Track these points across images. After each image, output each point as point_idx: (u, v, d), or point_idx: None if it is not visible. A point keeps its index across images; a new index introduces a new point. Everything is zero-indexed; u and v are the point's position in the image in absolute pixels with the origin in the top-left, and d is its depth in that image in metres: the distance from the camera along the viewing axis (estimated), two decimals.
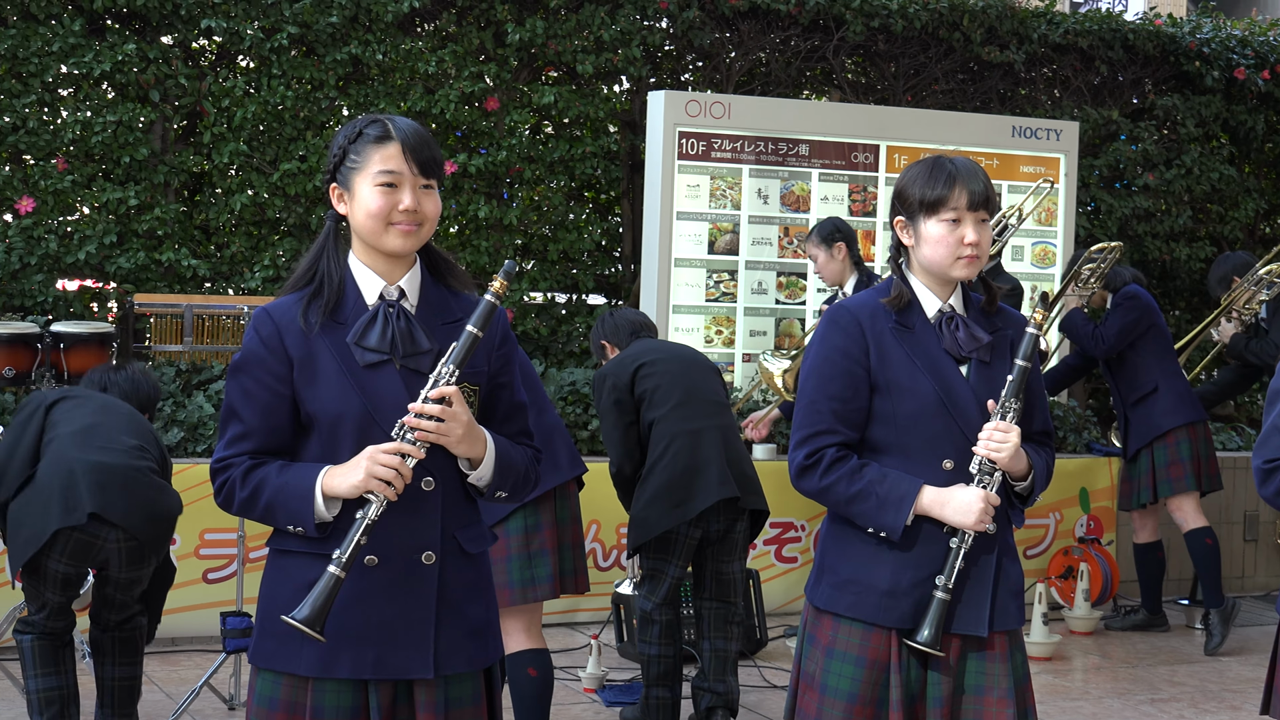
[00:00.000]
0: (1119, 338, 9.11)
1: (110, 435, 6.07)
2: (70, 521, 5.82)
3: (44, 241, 9.62)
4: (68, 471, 5.89)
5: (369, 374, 3.66)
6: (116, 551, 5.92)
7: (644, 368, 6.84)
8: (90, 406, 6.23)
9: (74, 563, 5.93)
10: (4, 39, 9.58)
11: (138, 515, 5.91)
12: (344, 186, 3.75)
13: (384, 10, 10.38)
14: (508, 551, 5.99)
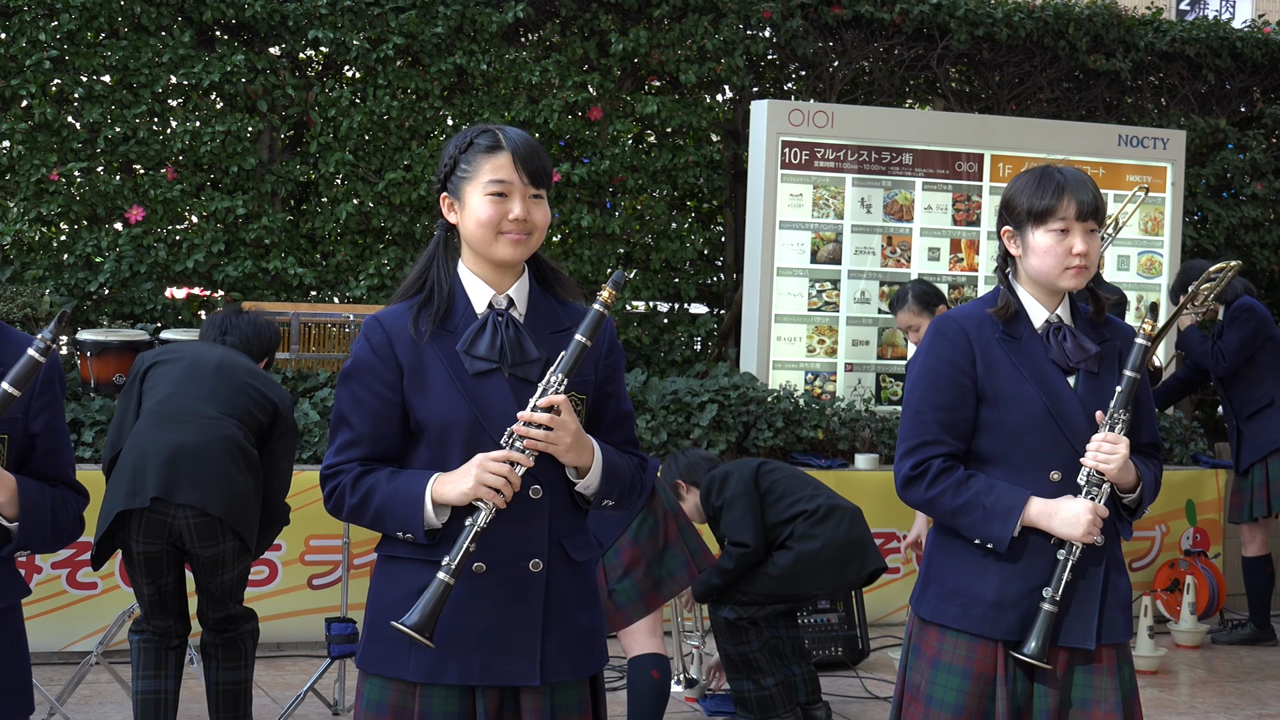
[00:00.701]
0: (1239, 353, 8.99)
1: (190, 406, 6.03)
2: (134, 504, 5.84)
3: (153, 250, 9.75)
4: (140, 453, 5.91)
5: (478, 382, 3.67)
6: (187, 528, 5.88)
7: (763, 467, 7.06)
8: (177, 372, 6.16)
9: (150, 540, 5.91)
10: (115, 50, 9.72)
11: (204, 492, 5.85)
12: (454, 196, 3.77)
13: (488, 20, 10.44)
14: (644, 556, 6.05)
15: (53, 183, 9.64)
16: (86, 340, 7.94)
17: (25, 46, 9.53)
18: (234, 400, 6.11)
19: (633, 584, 6.06)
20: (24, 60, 9.53)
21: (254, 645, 6.32)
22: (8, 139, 9.58)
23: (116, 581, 7.78)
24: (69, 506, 3.65)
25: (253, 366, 6.32)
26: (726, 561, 6.79)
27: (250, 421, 6.11)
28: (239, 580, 6.17)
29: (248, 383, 6.18)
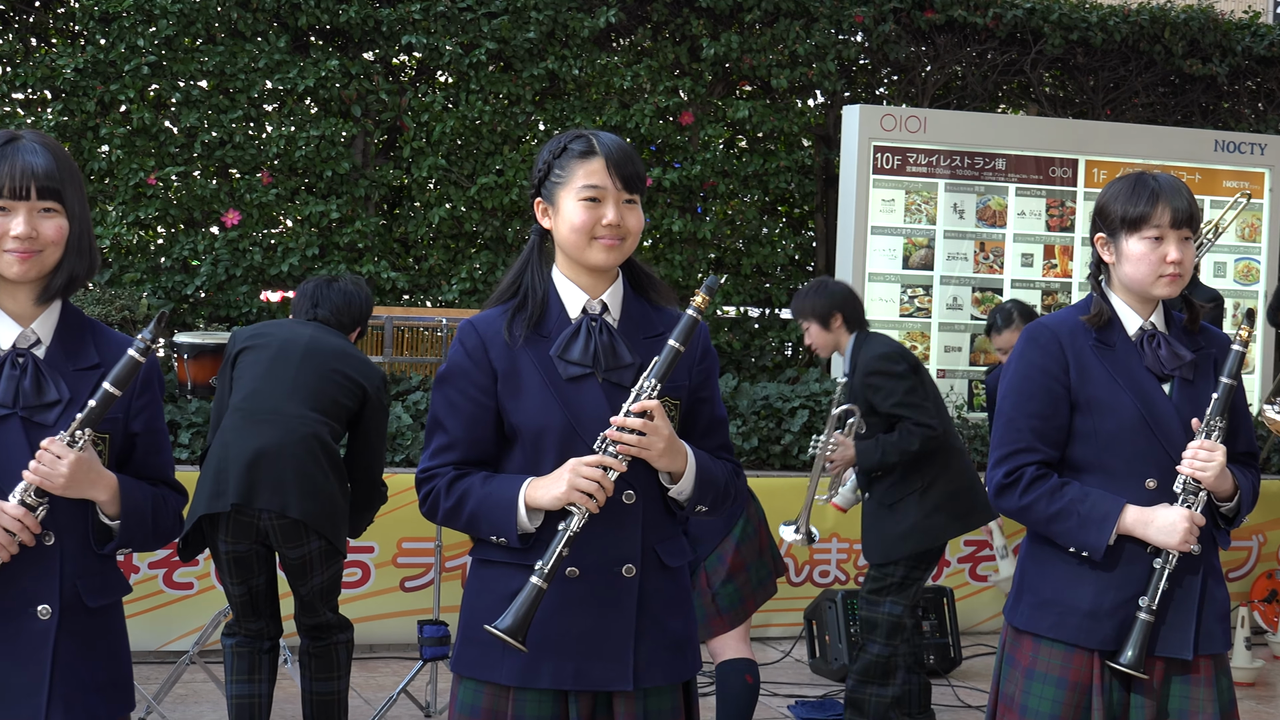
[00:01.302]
0: None
1: (273, 403, 6.03)
2: (216, 508, 5.87)
3: (249, 254, 9.84)
4: (223, 456, 5.94)
5: (572, 387, 3.68)
6: (272, 529, 5.91)
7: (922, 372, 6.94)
8: (263, 362, 6.14)
9: (237, 541, 5.94)
10: (212, 56, 9.82)
11: (284, 496, 5.87)
12: (548, 201, 3.78)
13: (580, 26, 10.47)
14: (745, 563, 6.05)
15: (150, 187, 9.76)
16: (183, 343, 8.03)
17: (124, 52, 9.65)
18: (320, 391, 6.08)
19: (735, 589, 6.04)
20: (123, 66, 9.65)
21: (348, 656, 6.32)
22: (107, 143, 9.71)
23: (212, 582, 7.85)
24: (168, 505, 3.69)
25: (342, 346, 6.25)
26: (910, 442, 6.66)
27: (336, 412, 6.09)
28: (330, 585, 6.17)
29: (335, 369, 6.13)
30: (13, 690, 3.44)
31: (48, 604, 3.45)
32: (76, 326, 3.59)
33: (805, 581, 8.88)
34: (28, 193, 3.41)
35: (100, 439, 3.52)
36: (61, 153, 3.51)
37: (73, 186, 3.49)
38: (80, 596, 3.50)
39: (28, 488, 3.38)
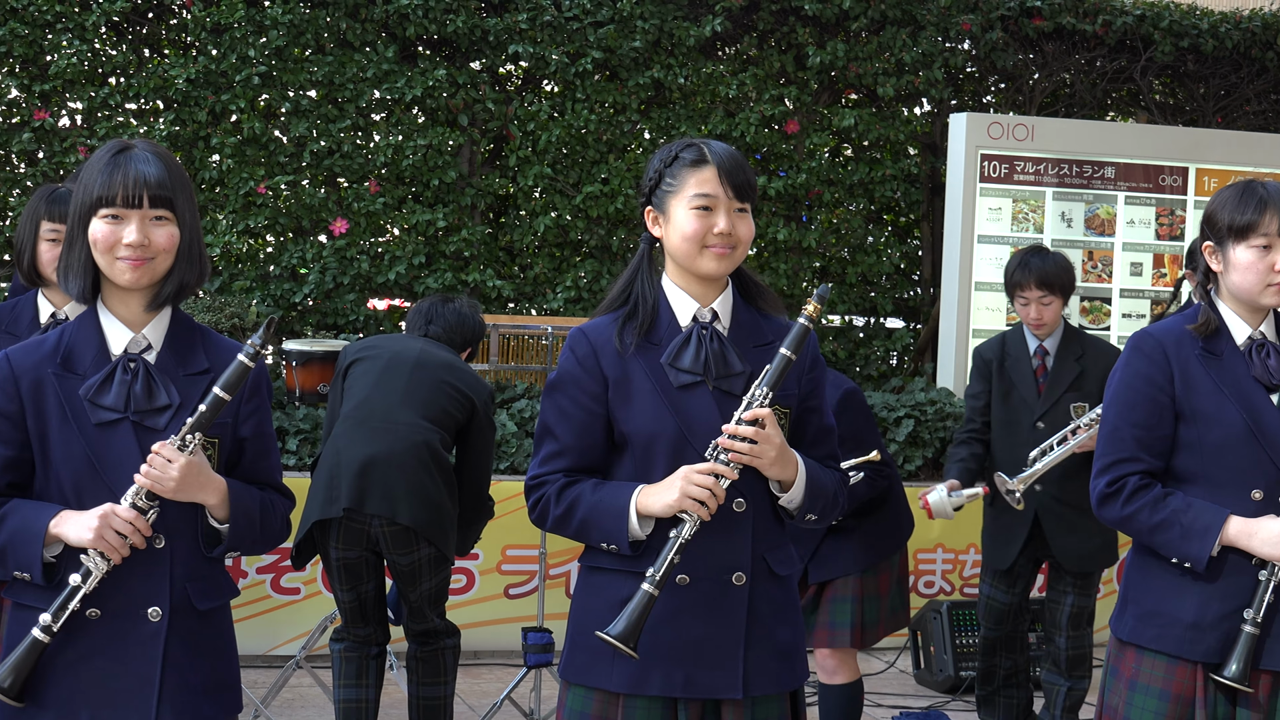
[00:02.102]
0: None
1: (384, 411, 6.05)
2: (329, 513, 5.91)
3: (356, 262, 9.91)
4: (335, 462, 5.97)
5: (683, 395, 3.68)
6: (383, 535, 5.93)
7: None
8: (374, 371, 6.17)
9: (348, 547, 5.97)
10: (321, 65, 9.90)
11: (394, 502, 5.89)
12: (659, 210, 3.78)
13: (686, 34, 10.47)
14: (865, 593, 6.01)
15: (260, 196, 9.85)
16: (291, 350, 8.09)
17: (235, 63, 9.75)
18: (430, 401, 6.10)
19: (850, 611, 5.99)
20: (234, 76, 9.75)
21: (455, 661, 6.32)
22: (218, 153, 9.81)
23: (319, 588, 7.90)
24: (276, 509, 3.71)
25: (452, 360, 6.28)
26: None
27: (446, 422, 6.10)
28: (438, 591, 6.18)
29: (445, 380, 6.15)
30: (123, 691, 3.48)
31: (158, 606, 3.49)
32: (187, 332, 3.62)
33: (910, 591, 8.81)
34: (140, 201, 3.45)
35: (210, 443, 3.56)
36: (173, 162, 3.55)
37: (183, 195, 3.52)
38: (190, 599, 3.54)
39: (139, 491, 3.42)
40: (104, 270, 3.49)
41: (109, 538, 3.38)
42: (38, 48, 9.56)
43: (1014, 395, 6.66)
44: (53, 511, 3.45)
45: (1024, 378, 6.65)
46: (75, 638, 3.46)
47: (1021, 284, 6.58)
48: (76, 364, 3.50)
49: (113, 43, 9.87)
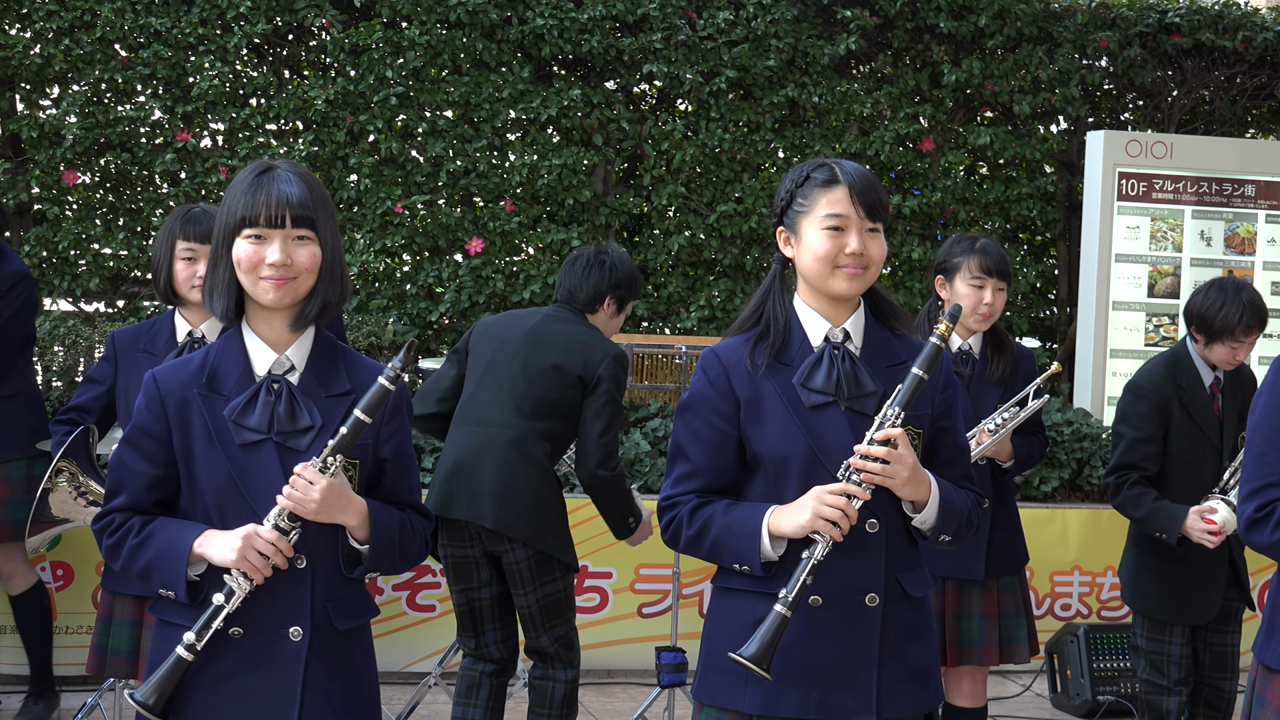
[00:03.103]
0: None
1: (481, 410, 5.96)
2: (434, 510, 5.92)
3: (491, 281, 9.99)
4: (440, 461, 5.98)
5: (815, 415, 3.68)
6: (480, 534, 5.89)
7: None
8: (481, 364, 6.04)
9: (455, 544, 5.93)
10: (458, 86, 10.00)
11: (479, 505, 5.81)
12: (790, 230, 3.79)
13: (820, 53, 10.46)
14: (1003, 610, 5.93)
15: (397, 215, 9.96)
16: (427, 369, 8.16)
17: (373, 83, 9.87)
18: (527, 394, 5.93)
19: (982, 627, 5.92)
20: (371, 97, 9.87)
21: (565, 699, 6.03)
22: (355, 173, 9.93)
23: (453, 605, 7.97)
24: (416, 530, 3.74)
25: (565, 336, 5.98)
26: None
27: (549, 412, 5.91)
28: (549, 607, 5.95)
29: (553, 364, 5.92)
30: (266, 709, 3.53)
31: (299, 626, 3.53)
32: (329, 353, 3.66)
33: (1046, 614, 8.73)
34: (283, 221, 3.49)
35: (351, 465, 3.59)
36: (315, 182, 3.59)
37: (325, 215, 3.56)
38: (330, 619, 3.57)
39: (281, 512, 3.46)
40: (248, 290, 3.53)
41: (251, 558, 3.43)
42: (181, 70, 9.74)
43: (1196, 432, 6.11)
44: (197, 530, 3.50)
45: (1203, 413, 6.10)
46: (218, 656, 3.51)
47: (1233, 330, 5.98)
48: (221, 384, 3.55)
49: (253, 65, 10.03)
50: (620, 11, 10.17)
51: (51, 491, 5.30)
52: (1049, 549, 8.52)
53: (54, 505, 5.33)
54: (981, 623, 5.86)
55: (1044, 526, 8.56)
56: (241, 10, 9.70)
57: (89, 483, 5.35)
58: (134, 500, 3.58)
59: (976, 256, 5.81)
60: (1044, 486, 9.09)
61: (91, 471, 5.38)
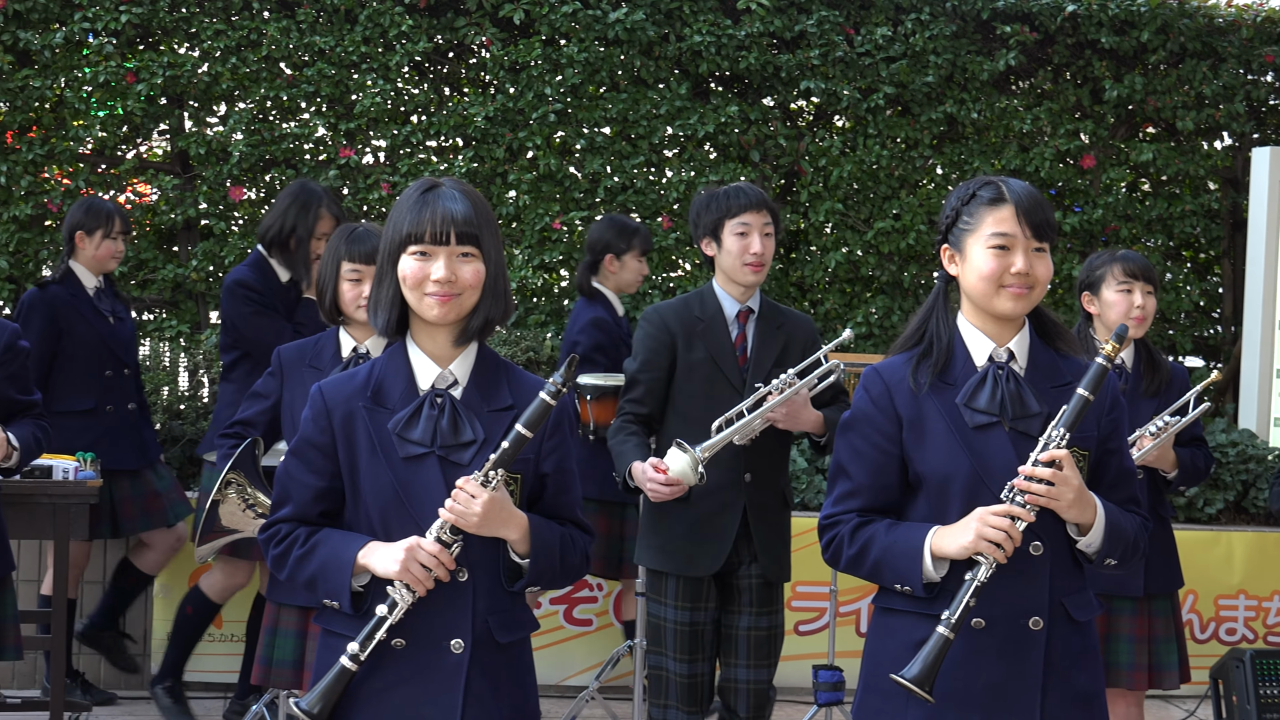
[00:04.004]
0: None
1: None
2: None
3: (648, 296, 10.01)
4: None
5: (978, 435, 3.66)
6: None
7: None
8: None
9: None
10: (615, 103, 10.04)
11: None
12: (955, 248, 3.77)
13: (980, 69, 10.39)
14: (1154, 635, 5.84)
15: (555, 231, 10.02)
16: (586, 385, 8.20)
17: (532, 100, 9.94)
18: None
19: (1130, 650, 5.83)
20: (530, 114, 9.95)
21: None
22: (514, 189, 10.01)
23: (610, 619, 8.00)
24: (576, 544, 3.76)
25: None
26: None
27: None
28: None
29: None
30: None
31: (460, 638, 3.55)
32: (492, 368, 3.68)
33: (1211, 639, 8.57)
34: (447, 238, 3.53)
35: (512, 479, 3.61)
36: (479, 199, 3.62)
37: (489, 232, 3.59)
38: (491, 632, 3.59)
39: (443, 525, 3.49)
40: (412, 306, 3.57)
41: (414, 570, 3.46)
42: (344, 88, 9.88)
43: None
44: (361, 542, 3.55)
45: None
46: (381, 667, 3.54)
47: None
48: (386, 398, 3.59)
49: (415, 82, 10.15)
50: (778, 28, 10.16)
51: (221, 503, 5.39)
52: (1214, 572, 8.38)
53: (224, 516, 5.42)
54: (1130, 645, 5.79)
55: (1209, 549, 8.42)
56: (403, 29, 9.82)
57: (257, 495, 5.44)
58: (300, 511, 3.64)
59: (1120, 263, 5.84)
60: (1208, 509, 8.94)
61: (259, 484, 5.47)
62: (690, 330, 5.62)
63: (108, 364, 7.38)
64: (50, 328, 7.25)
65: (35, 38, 9.57)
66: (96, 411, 7.32)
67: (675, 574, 5.57)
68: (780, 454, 5.63)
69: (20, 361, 5.43)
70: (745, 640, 5.59)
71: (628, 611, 7.59)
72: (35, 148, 9.55)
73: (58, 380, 7.28)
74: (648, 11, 10.01)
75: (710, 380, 5.57)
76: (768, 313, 5.70)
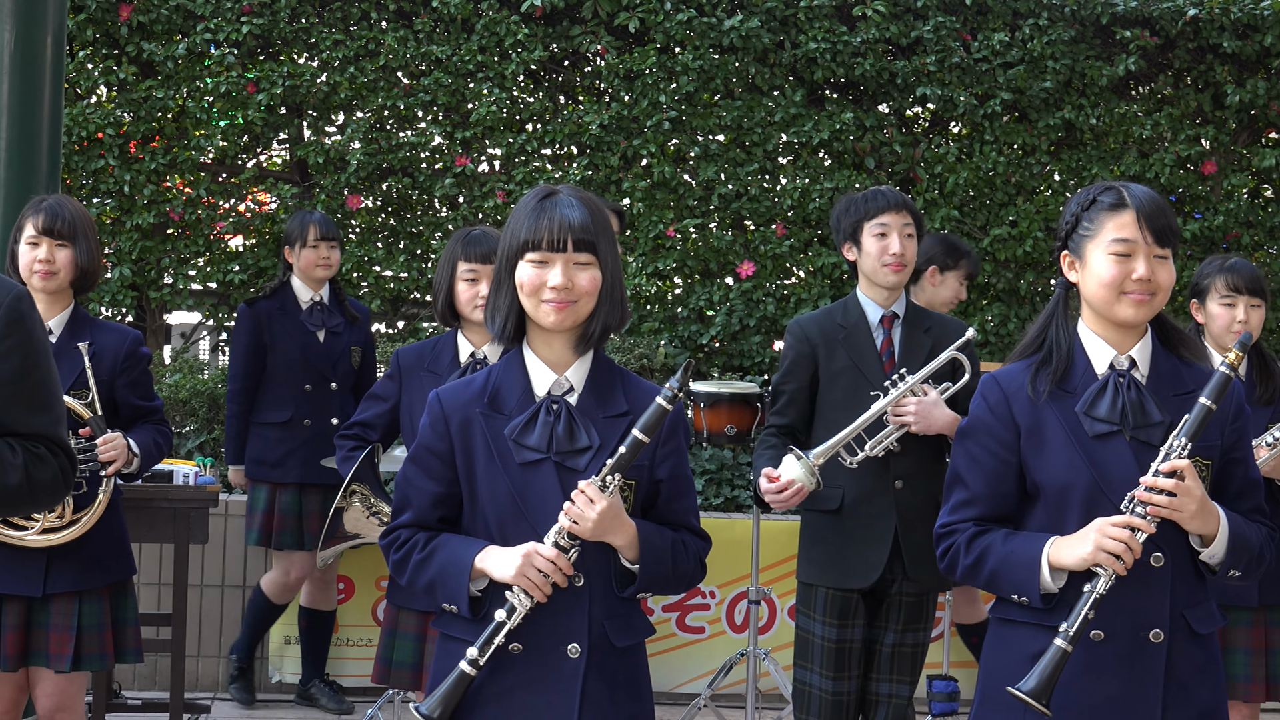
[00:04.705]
0: None
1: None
2: None
3: (762, 304, 10.00)
4: None
5: (1098, 444, 3.61)
6: None
7: None
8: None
9: None
10: (730, 110, 10.04)
11: None
12: (1075, 254, 3.73)
13: (1098, 74, 10.28)
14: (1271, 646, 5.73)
15: (669, 238, 10.02)
16: (700, 391, 8.20)
17: (647, 108, 9.96)
18: None
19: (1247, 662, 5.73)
20: (645, 121, 9.96)
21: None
22: (628, 196, 10.02)
23: (723, 627, 7.99)
24: (689, 551, 3.74)
25: None
26: None
27: None
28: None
29: None
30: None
31: (578, 643, 3.56)
32: (607, 375, 3.69)
33: None
34: (564, 245, 3.54)
35: (626, 485, 3.61)
36: (596, 206, 3.63)
37: (606, 239, 3.60)
38: (608, 636, 3.59)
39: (561, 530, 3.50)
40: (529, 312, 3.59)
41: (530, 575, 3.47)
42: (460, 96, 9.95)
43: None
44: (479, 547, 3.56)
45: None
46: (499, 671, 3.56)
47: None
48: (503, 404, 3.61)
49: (530, 91, 10.19)
50: (894, 34, 10.12)
51: (345, 510, 5.45)
52: None
53: (347, 523, 5.49)
54: (1246, 657, 5.69)
55: None
56: (519, 38, 9.87)
57: (380, 504, 5.50)
58: (419, 517, 3.66)
59: (1225, 275, 5.75)
60: None
61: (380, 492, 5.53)
62: (831, 339, 5.60)
63: (308, 378, 7.50)
64: (253, 341, 7.47)
65: (158, 49, 9.71)
66: (292, 424, 7.46)
67: (826, 586, 5.53)
68: (932, 459, 5.55)
69: (141, 368, 5.52)
70: (890, 655, 5.56)
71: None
72: (158, 157, 9.70)
73: (261, 392, 7.46)
74: (763, 19, 10.00)
75: (854, 388, 5.53)
76: (913, 316, 5.66)
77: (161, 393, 8.87)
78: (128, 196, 9.67)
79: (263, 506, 7.47)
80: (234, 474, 7.66)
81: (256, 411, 7.53)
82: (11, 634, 5.17)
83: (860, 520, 5.50)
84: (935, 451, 5.54)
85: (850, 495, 5.47)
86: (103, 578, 5.33)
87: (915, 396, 5.40)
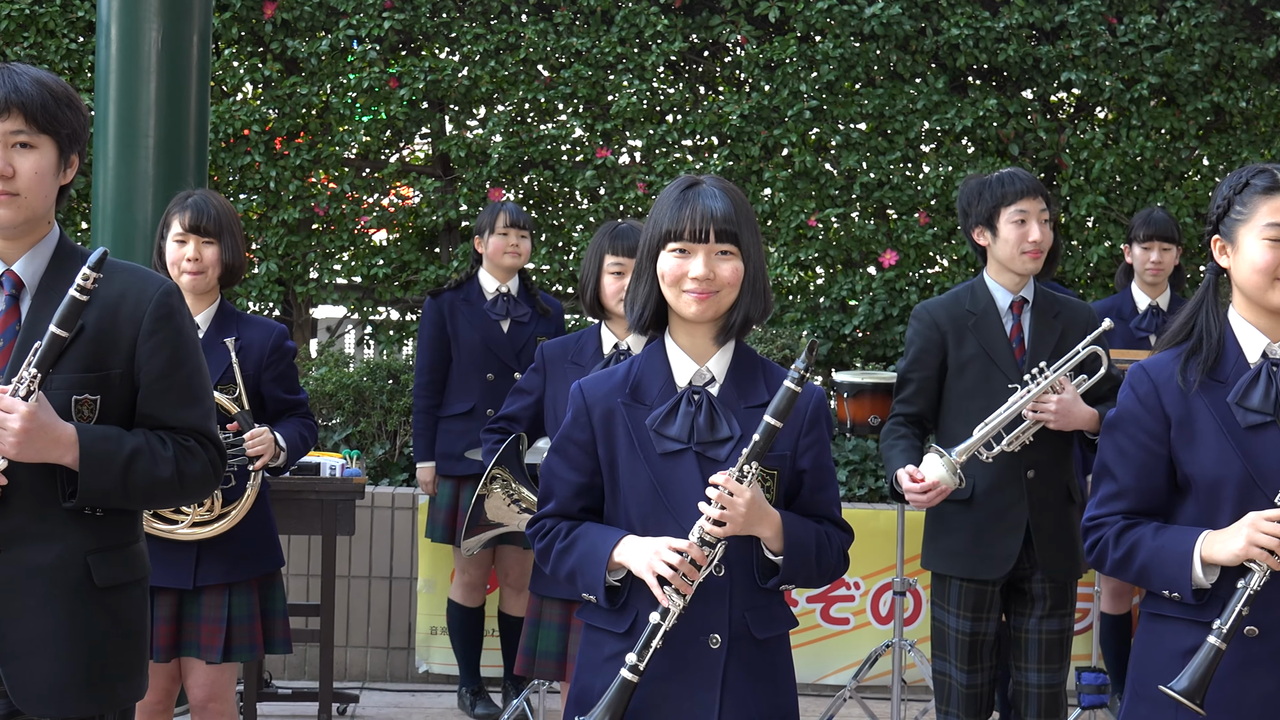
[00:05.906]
0: None
1: None
2: None
3: (905, 293, 9.93)
4: None
5: (1252, 436, 3.53)
6: None
7: None
8: None
9: None
10: (871, 99, 9.97)
11: None
12: (1227, 239, 3.64)
13: (1248, 56, 10.09)
14: None
15: (810, 228, 9.98)
16: (843, 382, 8.16)
17: (787, 97, 9.92)
18: None
19: None
20: (785, 111, 9.92)
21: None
22: (769, 187, 9.99)
23: (868, 619, 7.94)
24: (833, 542, 3.70)
25: None
26: None
27: None
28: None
29: None
30: (685, 713, 3.55)
31: (719, 633, 3.54)
32: (749, 365, 3.66)
33: None
34: (706, 235, 3.52)
35: (769, 475, 3.58)
36: (739, 197, 3.60)
37: (748, 229, 3.57)
38: (749, 628, 3.57)
39: (702, 526, 3.47)
40: (670, 303, 3.57)
41: (657, 568, 3.44)
42: (600, 89, 9.97)
43: None
44: (618, 537, 3.55)
45: None
46: None
47: None
48: (644, 395, 3.60)
49: (670, 82, 10.19)
50: (1037, 19, 9.99)
51: (487, 498, 5.47)
52: None
53: (489, 511, 5.50)
54: None
55: None
56: (659, 29, 9.87)
57: (521, 490, 5.50)
58: (562, 507, 3.67)
59: None
60: None
61: (523, 479, 5.53)
62: (960, 325, 5.52)
63: (491, 368, 7.46)
64: (437, 332, 7.46)
65: (302, 46, 9.83)
66: (474, 414, 7.39)
67: (960, 578, 5.48)
68: (1064, 448, 5.46)
69: (287, 362, 5.57)
70: (1035, 643, 5.48)
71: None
72: (303, 153, 9.82)
73: (449, 383, 7.48)
74: (904, 5, 9.92)
75: (985, 375, 5.46)
76: (1043, 301, 5.57)
77: (307, 386, 8.97)
78: (273, 192, 9.80)
79: (446, 502, 7.40)
80: (422, 471, 7.52)
81: (443, 404, 7.48)
82: (164, 626, 5.25)
83: (992, 510, 5.43)
84: (1066, 440, 5.46)
85: (981, 485, 5.40)
86: (252, 570, 5.39)
87: (1054, 393, 5.32)
